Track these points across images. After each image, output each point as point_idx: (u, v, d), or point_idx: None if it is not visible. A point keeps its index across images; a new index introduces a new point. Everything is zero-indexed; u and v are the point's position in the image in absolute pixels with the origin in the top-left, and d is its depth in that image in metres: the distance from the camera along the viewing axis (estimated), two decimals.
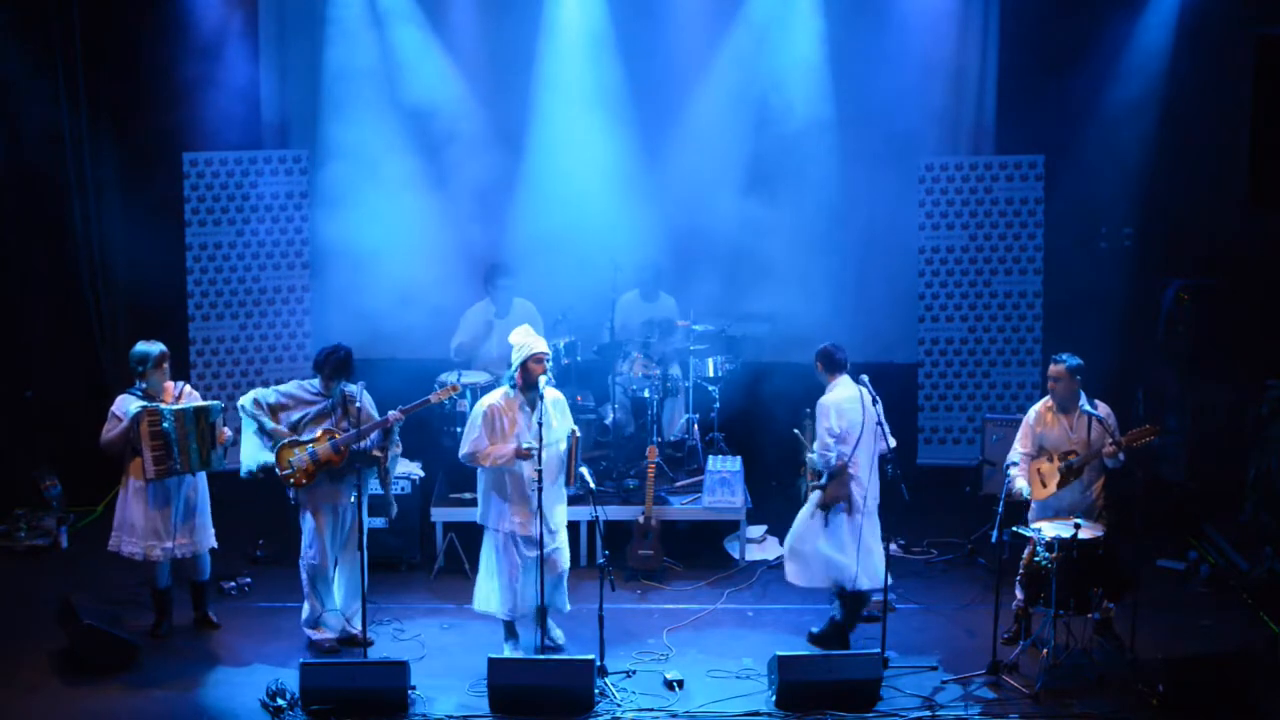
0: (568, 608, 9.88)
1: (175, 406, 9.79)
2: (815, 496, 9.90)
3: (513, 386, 9.55)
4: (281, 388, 9.96)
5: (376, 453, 9.76)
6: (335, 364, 9.76)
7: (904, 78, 12.84)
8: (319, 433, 9.74)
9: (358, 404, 9.74)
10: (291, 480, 9.73)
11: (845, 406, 9.83)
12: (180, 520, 9.96)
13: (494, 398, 9.61)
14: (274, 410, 9.80)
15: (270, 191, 12.91)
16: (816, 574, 9.97)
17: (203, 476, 10.07)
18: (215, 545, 10.24)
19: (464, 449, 9.60)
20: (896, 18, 12.83)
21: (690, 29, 12.97)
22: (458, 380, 11.50)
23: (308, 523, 9.87)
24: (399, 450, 9.97)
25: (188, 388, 10.09)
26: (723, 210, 12.85)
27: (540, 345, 9.55)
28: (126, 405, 9.81)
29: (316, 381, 9.87)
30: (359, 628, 9.80)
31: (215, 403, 10.03)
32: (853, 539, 9.78)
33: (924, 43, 12.87)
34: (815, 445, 9.85)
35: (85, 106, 12.53)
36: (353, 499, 9.74)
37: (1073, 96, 12.65)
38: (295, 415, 9.79)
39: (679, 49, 12.98)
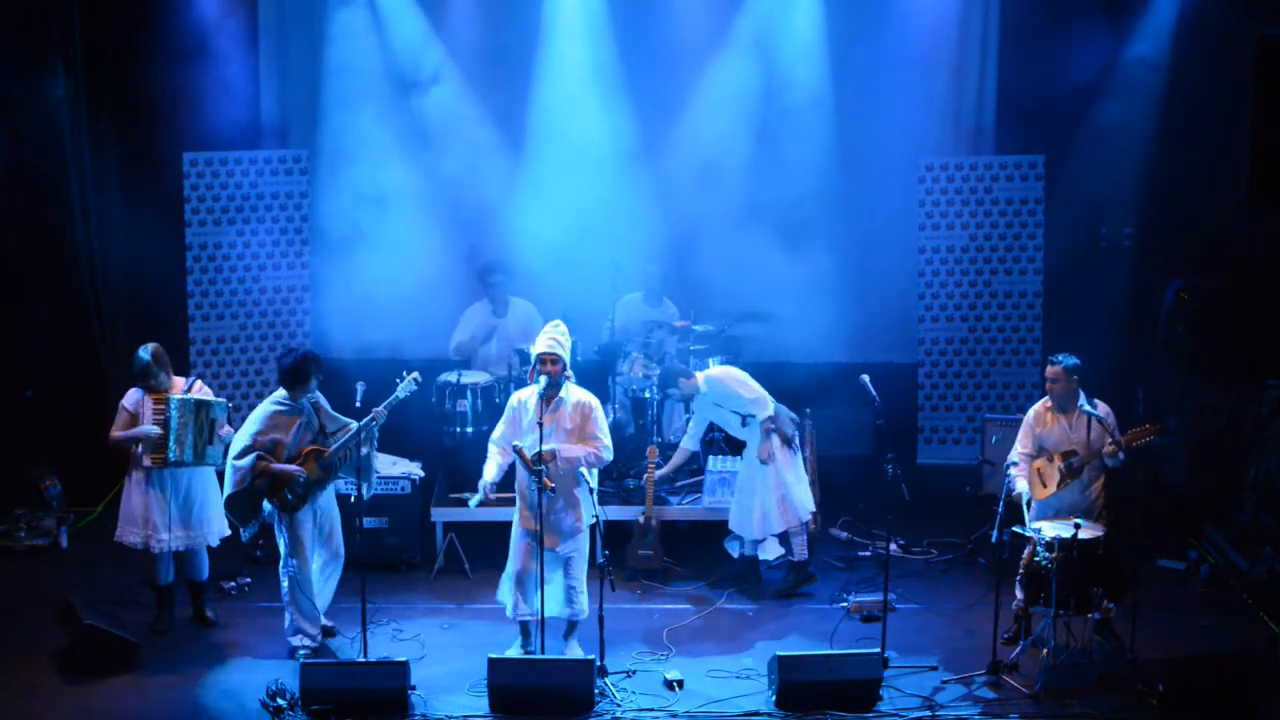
0: (581, 612, 9.72)
1: (178, 396, 9.82)
2: (773, 444, 10.59)
3: (536, 383, 9.60)
4: (258, 416, 9.70)
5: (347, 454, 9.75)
6: (307, 368, 9.68)
7: (904, 78, 12.84)
8: (305, 454, 9.65)
9: (320, 404, 9.82)
10: (292, 509, 9.67)
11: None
12: (178, 512, 9.97)
13: (525, 390, 9.74)
14: (268, 449, 9.61)
15: (270, 191, 12.91)
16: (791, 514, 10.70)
17: (207, 473, 10.07)
18: (215, 543, 10.23)
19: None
20: (897, 18, 12.82)
21: (690, 30, 12.96)
22: (457, 380, 11.50)
23: (290, 532, 9.75)
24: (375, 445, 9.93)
25: (199, 383, 10.11)
26: (722, 210, 12.85)
27: (540, 346, 9.56)
28: (132, 396, 9.92)
29: (283, 393, 9.78)
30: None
31: (221, 400, 10.04)
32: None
33: (924, 42, 12.86)
34: (757, 405, 10.57)
35: (85, 106, 12.53)
36: (345, 494, 9.89)
37: (1073, 96, 12.64)
38: (292, 434, 9.68)
39: (679, 49, 12.97)
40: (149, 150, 12.76)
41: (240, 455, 9.60)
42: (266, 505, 9.70)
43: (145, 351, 9.92)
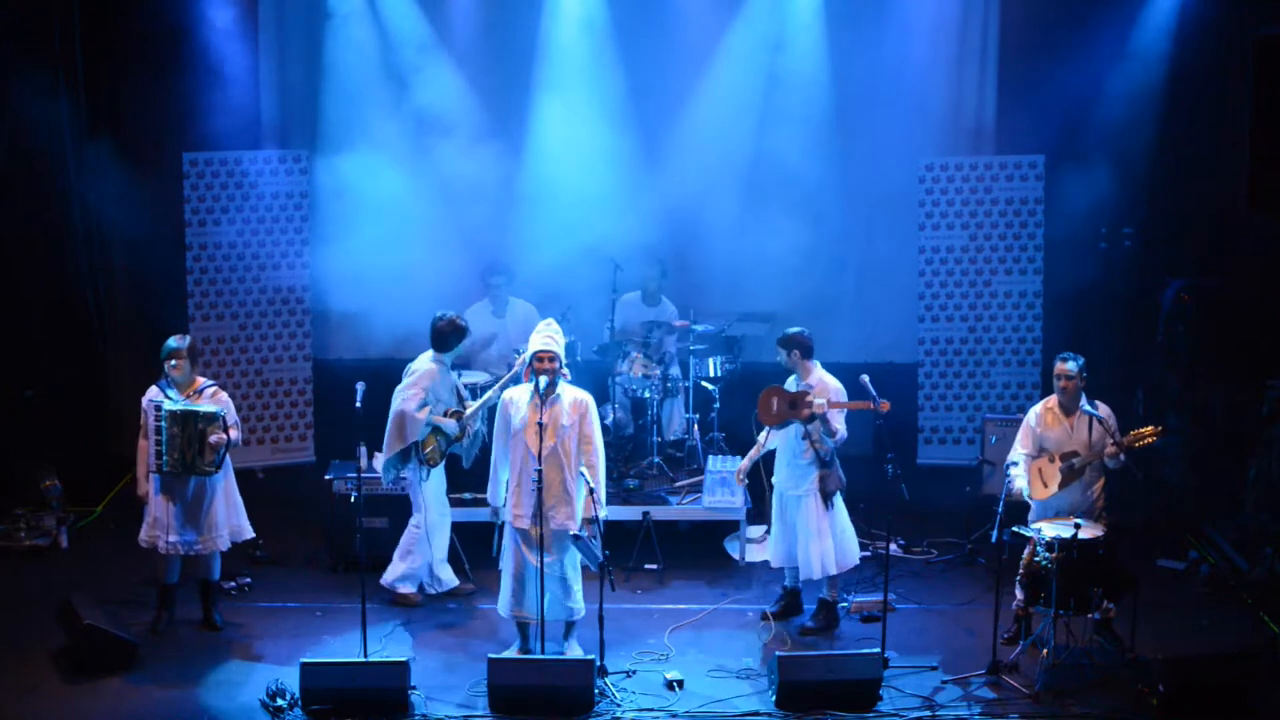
0: (577, 611, 9.70)
1: (174, 406, 9.81)
2: (821, 485, 10.06)
3: (532, 382, 9.57)
4: (426, 372, 10.34)
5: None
6: (459, 331, 10.42)
7: (904, 78, 12.84)
8: (449, 414, 10.43)
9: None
10: (434, 463, 10.48)
11: None
12: (182, 516, 9.97)
13: (514, 389, 9.73)
14: (428, 405, 10.32)
15: (270, 191, 12.92)
16: (849, 555, 10.25)
17: (216, 477, 10.03)
18: (225, 547, 10.21)
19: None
20: (897, 18, 12.83)
21: (690, 27, 12.97)
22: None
23: (423, 487, 10.48)
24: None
25: (212, 389, 10.08)
26: (722, 210, 12.85)
27: (536, 344, 9.55)
28: (147, 395, 9.99)
29: (434, 353, 10.42)
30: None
31: (213, 408, 9.95)
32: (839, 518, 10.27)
33: (924, 43, 12.86)
34: (829, 432, 9.94)
35: (85, 106, 12.54)
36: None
37: (1073, 96, 12.63)
38: (444, 389, 10.39)
39: (679, 47, 12.98)
40: (149, 150, 12.76)
41: (420, 409, 10.26)
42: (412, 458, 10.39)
43: (174, 342, 9.94)
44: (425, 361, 10.46)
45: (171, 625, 10.21)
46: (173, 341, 9.96)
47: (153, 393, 9.98)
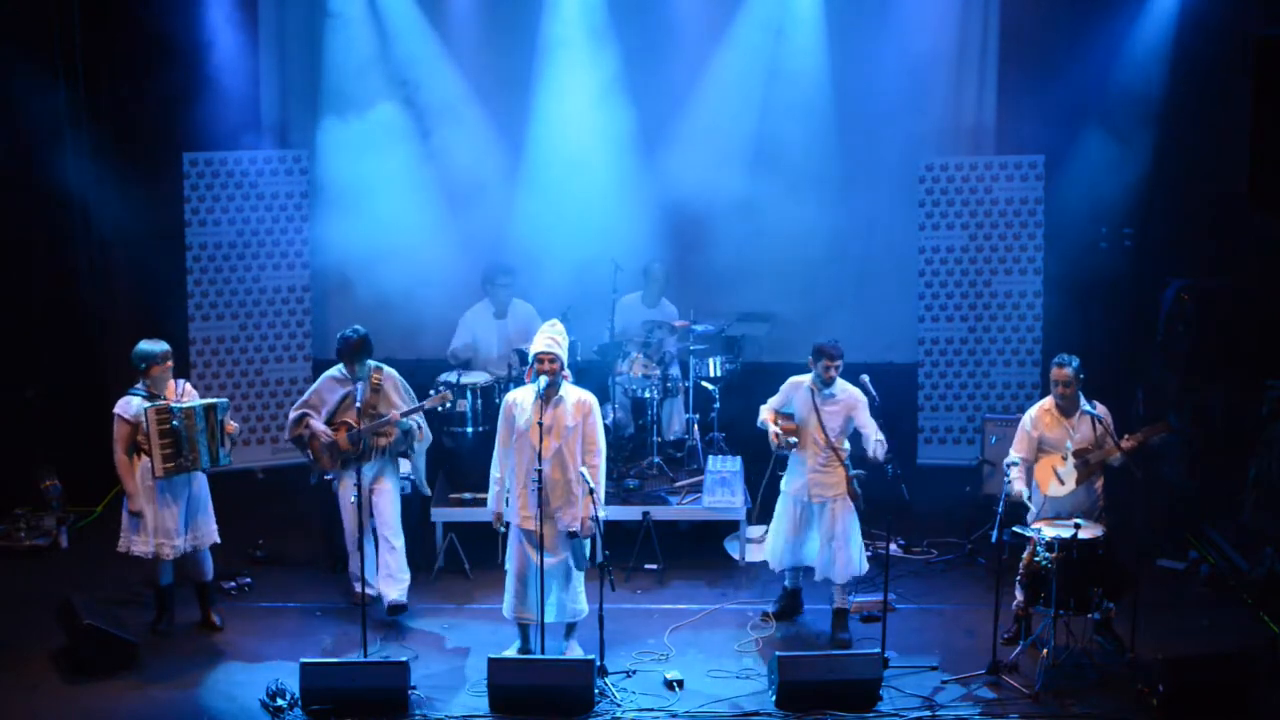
0: (580, 611, 9.71)
1: (183, 404, 9.81)
2: (849, 487, 10.03)
3: (534, 383, 9.58)
4: (317, 379, 10.50)
5: (384, 440, 10.29)
6: (351, 348, 10.24)
7: (904, 78, 12.85)
8: (338, 424, 10.23)
9: (384, 388, 10.35)
10: (319, 467, 10.37)
11: None
12: (187, 517, 9.98)
13: (519, 390, 9.73)
14: (314, 407, 10.31)
15: (270, 191, 12.92)
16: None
17: (202, 474, 10.07)
18: (217, 540, 10.24)
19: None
20: (897, 18, 12.83)
21: (691, 26, 12.98)
22: (457, 381, 11.52)
23: (335, 494, 10.44)
24: (422, 437, 10.51)
25: (188, 386, 10.14)
26: (723, 209, 12.83)
27: (538, 346, 9.55)
28: (130, 406, 9.84)
29: (341, 367, 10.34)
30: (392, 596, 10.27)
31: (222, 399, 10.14)
32: None
33: (924, 43, 12.87)
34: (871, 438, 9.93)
35: (85, 106, 12.53)
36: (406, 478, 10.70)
37: (1073, 96, 12.63)
38: (333, 401, 10.29)
39: (679, 46, 12.99)
40: (149, 150, 12.76)
41: (296, 408, 10.40)
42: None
43: (159, 346, 9.91)
44: (327, 371, 10.58)
45: (171, 625, 10.21)
46: (155, 346, 9.88)
47: (135, 402, 9.84)
